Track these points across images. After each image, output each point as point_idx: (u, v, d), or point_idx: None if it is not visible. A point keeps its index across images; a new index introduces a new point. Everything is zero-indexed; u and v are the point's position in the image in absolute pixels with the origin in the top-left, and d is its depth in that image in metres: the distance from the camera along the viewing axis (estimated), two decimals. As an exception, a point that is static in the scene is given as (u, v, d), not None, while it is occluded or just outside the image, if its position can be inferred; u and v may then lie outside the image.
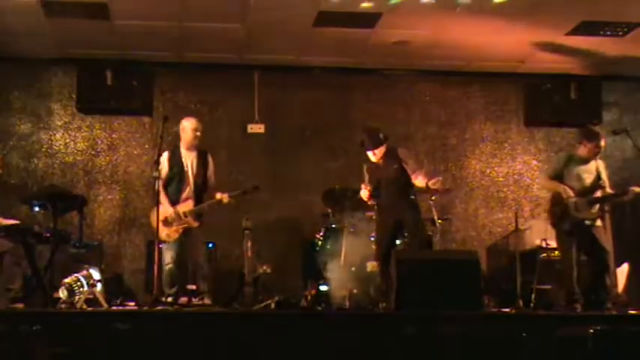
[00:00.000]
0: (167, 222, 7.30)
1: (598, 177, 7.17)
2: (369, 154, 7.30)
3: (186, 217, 7.35)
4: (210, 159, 7.61)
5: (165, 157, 7.45)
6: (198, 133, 7.49)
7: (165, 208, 7.33)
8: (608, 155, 8.08)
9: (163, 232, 7.32)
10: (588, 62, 9.28)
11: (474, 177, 9.77)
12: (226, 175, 8.37)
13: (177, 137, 8.96)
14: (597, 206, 7.09)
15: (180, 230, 7.35)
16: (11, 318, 5.20)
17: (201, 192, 7.50)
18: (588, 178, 7.16)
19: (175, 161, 7.43)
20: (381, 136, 7.28)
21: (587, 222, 7.03)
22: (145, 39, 8.68)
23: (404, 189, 7.23)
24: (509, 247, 8.96)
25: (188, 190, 7.43)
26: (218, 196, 7.45)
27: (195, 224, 7.40)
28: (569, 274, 7.02)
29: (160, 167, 7.38)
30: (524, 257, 8.21)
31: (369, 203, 7.40)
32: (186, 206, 7.38)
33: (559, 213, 7.16)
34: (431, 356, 5.23)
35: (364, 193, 7.32)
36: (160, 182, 7.37)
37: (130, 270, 9.03)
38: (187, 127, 7.50)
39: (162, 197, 7.35)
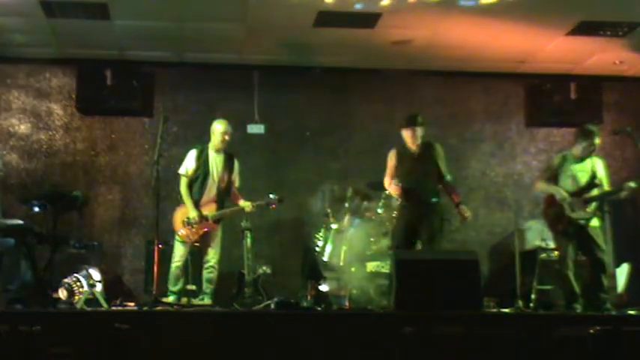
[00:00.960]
0: (189, 223, 7.32)
1: (593, 175, 7.15)
2: (406, 133, 7.10)
3: (207, 220, 7.38)
4: (236, 162, 7.65)
5: (193, 155, 7.49)
6: (226, 137, 7.56)
7: (189, 209, 7.34)
8: (608, 155, 8.08)
9: (183, 232, 7.35)
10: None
11: (474, 177, 9.76)
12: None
13: (177, 137, 9.02)
14: (593, 205, 7.07)
15: (201, 232, 7.39)
16: (11, 318, 5.19)
17: (225, 195, 7.53)
18: (583, 177, 7.15)
19: (202, 161, 7.45)
20: (419, 118, 7.12)
21: (582, 222, 7.03)
22: (145, 39, 8.69)
23: (434, 189, 7.07)
24: (509, 247, 8.95)
25: (211, 193, 7.46)
26: (241, 203, 7.51)
27: (215, 227, 7.44)
28: (565, 275, 7.03)
29: (187, 165, 7.43)
30: (524, 257, 8.21)
31: (399, 199, 7.09)
32: (209, 209, 7.42)
33: (553, 214, 7.17)
34: (431, 356, 5.22)
35: (395, 190, 7.01)
36: (186, 180, 7.41)
37: (130, 270, 9.03)
38: (217, 129, 7.55)
39: (187, 198, 7.37)
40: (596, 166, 7.20)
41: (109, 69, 9.10)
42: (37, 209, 7.27)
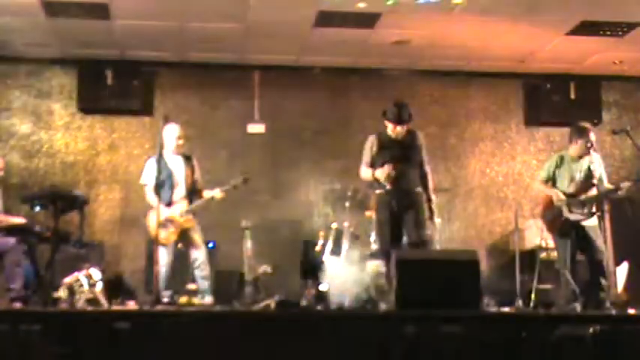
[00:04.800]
0: (162, 225, 7.34)
1: (590, 174, 7.13)
2: (392, 127, 6.79)
3: (181, 217, 7.40)
4: (195, 163, 7.69)
5: (151, 163, 7.48)
6: (180, 141, 7.56)
7: (159, 212, 7.36)
8: (607, 155, 8.09)
9: (161, 235, 7.36)
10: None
11: (474, 177, 9.77)
12: (226, 175, 8.36)
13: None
14: (591, 205, 7.06)
15: (178, 232, 7.41)
16: (11, 318, 5.20)
17: (193, 192, 7.57)
18: (580, 177, 7.14)
19: (162, 166, 7.43)
20: (407, 113, 6.81)
21: (580, 222, 7.03)
22: (145, 39, 8.70)
23: (416, 178, 6.83)
24: (509, 246, 8.97)
25: (180, 192, 7.50)
26: (209, 193, 7.52)
27: (191, 224, 7.45)
28: (565, 275, 7.03)
29: (147, 173, 7.46)
30: (524, 257, 8.22)
31: (388, 186, 6.66)
32: (180, 207, 7.44)
33: (550, 216, 7.16)
34: (431, 356, 5.23)
35: (384, 174, 6.55)
36: (150, 188, 7.43)
37: (130, 270, 9.03)
38: (170, 134, 7.55)
39: (156, 201, 7.39)
40: (594, 163, 7.16)
41: (110, 69, 9.13)
42: (37, 209, 7.27)
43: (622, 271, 7.96)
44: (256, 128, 9.41)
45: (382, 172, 6.62)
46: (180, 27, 8.39)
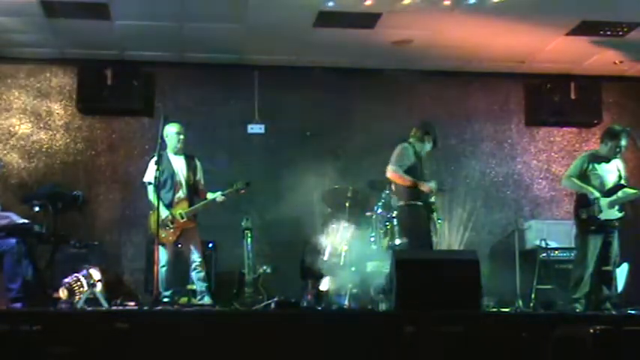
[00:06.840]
0: (163, 225, 7.35)
1: (619, 176, 7.17)
2: (424, 144, 7.50)
3: (182, 218, 7.42)
4: (197, 163, 7.69)
5: (153, 162, 7.49)
6: (181, 137, 7.58)
7: (160, 212, 7.37)
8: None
9: (161, 234, 7.37)
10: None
11: (474, 177, 9.76)
12: (226, 175, 8.37)
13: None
14: (620, 206, 7.09)
15: (178, 232, 7.42)
16: (11, 318, 5.20)
17: (194, 193, 7.58)
18: (611, 178, 7.16)
19: (164, 166, 7.45)
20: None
21: (610, 222, 7.05)
22: (145, 39, 8.70)
23: None
24: (509, 246, 8.96)
25: (181, 192, 7.53)
26: (210, 195, 7.53)
27: (191, 225, 7.47)
28: (581, 277, 7.00)
29: (150, 172, 7.46)
30: (524, 257, 8.22)
31: (432, 196, 7.38)
32: (181, 208, 7.47)
33: (586, 215, 7.11)
34: (431, 356, 5.23)
35: (428, 189, 7.28)
36: (152, 187, 7.44)
37: (130, 270, 9.04)
38: (171, 132, 7.59)
39: (157, 201, 7.40)
40: (620, 165, 7.25)
41: (110, 69, 9.13)
42: (37, 209, 7.28)
43: (622, 272, 7.96)
44: (256, 128, 9.41)
45: (429, 187, 7.26)
46: (180, 27, 8.39)
